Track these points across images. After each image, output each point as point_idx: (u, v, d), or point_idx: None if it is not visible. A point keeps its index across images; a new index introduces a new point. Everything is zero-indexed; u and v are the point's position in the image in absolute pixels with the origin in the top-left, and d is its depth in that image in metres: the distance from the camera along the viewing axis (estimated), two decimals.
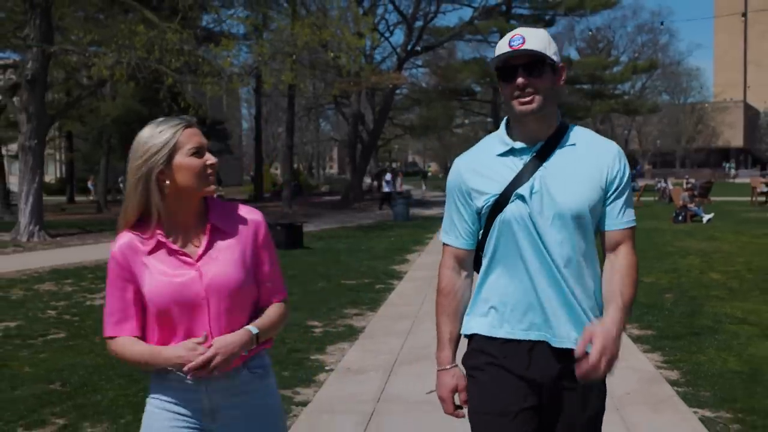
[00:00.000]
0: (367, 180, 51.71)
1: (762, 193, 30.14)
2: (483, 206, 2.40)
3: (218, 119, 44.12)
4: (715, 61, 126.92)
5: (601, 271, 2.41)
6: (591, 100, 48.76)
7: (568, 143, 2.39)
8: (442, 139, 68.68)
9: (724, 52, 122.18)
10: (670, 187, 34.40)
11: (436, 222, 24.31)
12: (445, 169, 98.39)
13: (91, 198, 43.51)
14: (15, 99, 28.52)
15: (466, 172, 2.45)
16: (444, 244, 2.54)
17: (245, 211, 2.38)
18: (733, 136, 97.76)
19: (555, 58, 2.35)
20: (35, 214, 20.88)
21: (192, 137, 2.24)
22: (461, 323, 2.50)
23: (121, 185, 48.32)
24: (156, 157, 2.19)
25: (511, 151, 2.38)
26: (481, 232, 2.47)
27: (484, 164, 2.42)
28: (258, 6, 24.66)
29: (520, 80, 2.29)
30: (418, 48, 39.29)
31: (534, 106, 2.30)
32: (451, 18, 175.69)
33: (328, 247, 16.87)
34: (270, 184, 49.49)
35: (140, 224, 2.28)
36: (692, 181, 34.54)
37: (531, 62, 2.30)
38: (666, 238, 17.14)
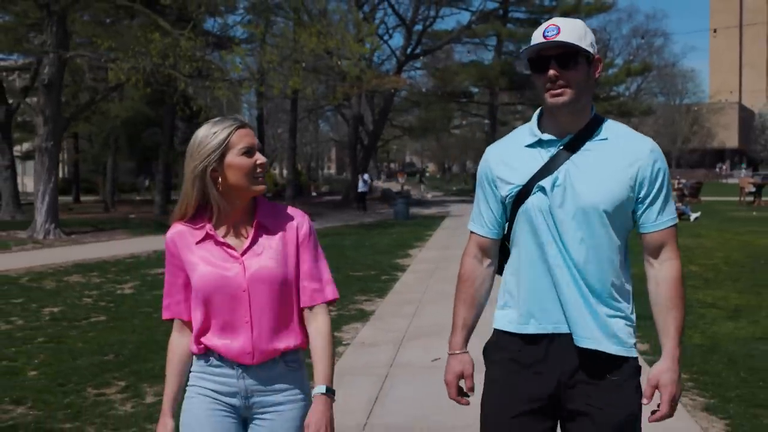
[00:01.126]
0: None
1: (750, 193, 31.15)
2: (507, 196, 2.38)
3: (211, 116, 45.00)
4: (710, 62, 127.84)
5: (630, 269, 2.40)
6: None
7: (599, 137, 2.32)
8: (440, 139, 69.58)
9: (720, 54, 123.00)
10: None
11: (435, 221, 25.27)
12: (443, 170, 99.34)
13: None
14: (27, 100, 29.60)
15: (494, 162, 2.44)
16: (470, 231, 2.54)
17: (291, 211, 2.47)
18: (728, 137, 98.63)
19: (591, 49, 2.29)
20: (51, 212, 21.76)
21: (244, 137, 2.32)
22: (478, 310, 2.52)
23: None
24: (211, 156, 2.28)
25: (539, 143, 2.35)
26: (506, 223, 2.47)
27: (512, 154, 2.40)
28: (261, 12, 25.61)
29: (551, 72, 2.24)
30: (418, 51, 40.26)
31: (566, 99, 2.26)
32: (449, 22, 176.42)
33: (334, 243, 17.85)
34: (271, 185, 50.41)
35: (191, 217, 2.41)
36: (683, 181, 35.54)
37: (564, 54, 2.24)
38: None
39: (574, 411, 2.29)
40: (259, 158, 2.34)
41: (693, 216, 22.97)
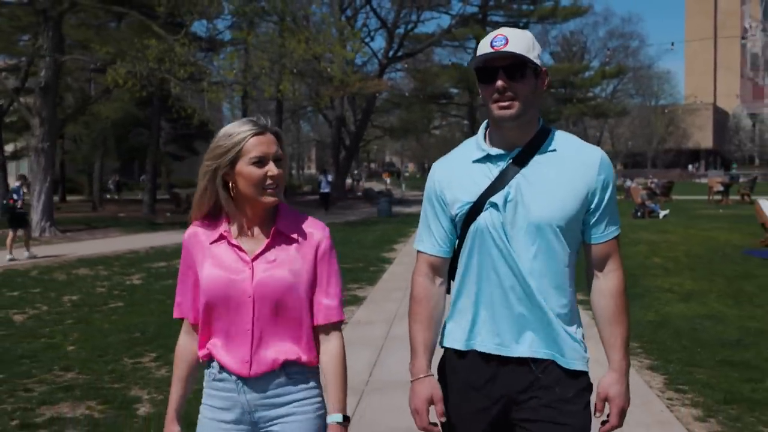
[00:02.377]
0: (348, 180, 53.61)
1: (718, 192, 32.46)
2: (457, 214, 2.33)
3: (205, 120, 45.75)
4: (686, 65, 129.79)
5: (585, 284, 2.41)
6: (563, 104, 51.01)
7: (548, 149, 2.28)
8: (420, 140, 70.66)
9: (695, 56, 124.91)
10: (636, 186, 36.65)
11: (416, 218, 26.25)
12: (423, 170, 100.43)
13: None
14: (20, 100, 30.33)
15: (442, 179, 2.38)
16: (418, 251, 2.46)
17: (313, 223, 2.37)
18: (703, 138, 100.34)
19: (538, 61, 2.25)
20: (47, 211, 22.52)
21: (258, 146, 2.22)
22: (436, 330, 2.42)
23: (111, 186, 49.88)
24: (222, 159, 2.23)
25: (488, 158, 2.30)
26: (456, 241, 2.41)
27: (460, 170, 2.35)
28: (247, 16, 26.51)
29: (499, 83, 2.20)
30: (399, 54, 41.33)
31: (513, 111, 2.21)
32: (429, 25, 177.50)
33: None
34: None
35: (211, 216, 2.36)
36: (655, 180, 36.84)
37: (512, 65, 2.20)
38: (623, 231, 19.18)
39: (526, 428, 2.26)
40: (272, 169, 2.23)
41: (662, 213, 24.20)
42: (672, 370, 6.29)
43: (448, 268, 2.43)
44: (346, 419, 2.29)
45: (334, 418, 2.28)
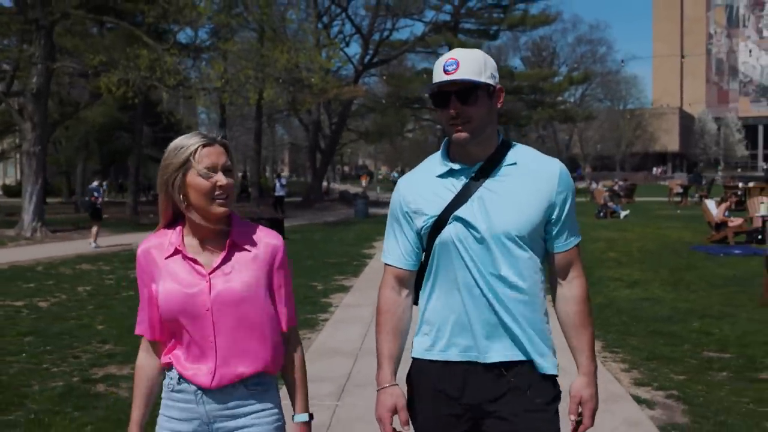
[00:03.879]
0: (324, 183, 54.76)
1: (677, 194, 34.12)
2: (422, 227, 2.37)
3: (186, 123, 46.76)
4: (653, 69, 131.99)
5: (548, 291, 2.44)
6: (532, 109, 52.59)
7: (508, 163, 2.34)
8: (394, 143, 71.90)
9: (662, 61, 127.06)
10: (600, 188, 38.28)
11: None
12: (402, 172, 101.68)
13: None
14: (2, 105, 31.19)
15: (407, 194, 2.43)
16: (385, 264, 2.49)
17: (266, 233, 2.40)
18: (670, 141, 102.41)
19: (491, 81, 2.31)
20: (38, 212, 23.47)
21: (206, 157, 2.26)
22: (401, 341, 2.46)
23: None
24: (173, 172, 2.26)
25: (451, 172, 2.36)
26: (423, 254, 2.44)
27: (425, 185, 2.40)
28: (228, 26, 27.64)
29: (452, 111, 2.26)
30: (375, 60, 42.66)
31: (467, 134, 2.27)
32: (403, 32, 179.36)
33: (306, 238, 20.09)
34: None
35: (170, 227, 2.38)
36: (620, 183, 38.48)
37: (465, 89, 2.25)
38: (584, 230, 20.65)
39: None
40: (220, 179, 2.26)
41: (623, 214, 25.74)
42: (610, 338, 7.65)
43: (414, 280, 2.48)
44: (311, 417, 2.39)
45: (300, 417, 2.37)
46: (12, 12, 26.73)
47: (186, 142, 2.27)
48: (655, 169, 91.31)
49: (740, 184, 33.57)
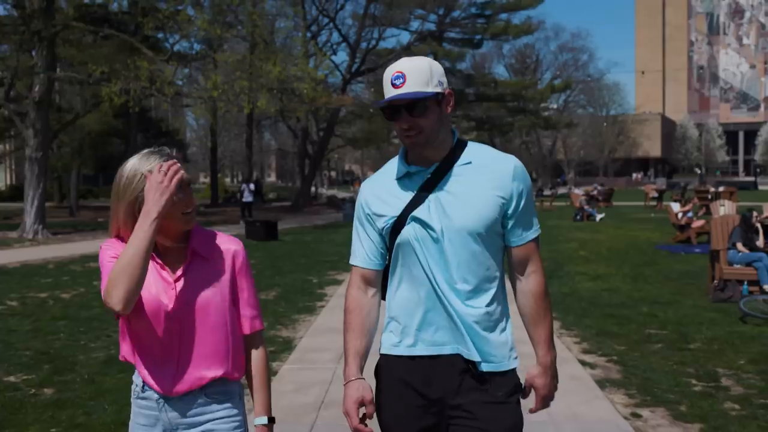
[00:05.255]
0: (313, 188, 55.93)
1: (653, 198, 35.51)
2: (383, 228, 2.45)
3: (175, 128, 47.86)
4: (636, 76, 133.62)
5: (506, 283, 2.50)
6: (515, 116, 54.00)
7: (463, 162, 2.41)
8: (380, 148, 73.02)
9: (645, 67, 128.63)
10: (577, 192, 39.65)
11: None
12: None
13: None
14: (3, 111, 32.20)
15: (369, 196, 2.51)
16: (352, 265, 2.57)
17: (225, 239, 2.45)
18: (652, 147, 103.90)
19: (439, 89, 2.36)
20: (39, 215, 24.44)
21: None
22: (368, 339, 2.52)
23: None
24: (138, 195, 2.26)
25: (408, 175, 2.44)
26: (387, 254, 2.51)
27: (385, 188, 2.48)
28: (220, 37, 28.80)
29: (404, 124, 2.33)
30: (362, 69, 43.93)
31: (421, 141, 2.35)
32: (390, 41, 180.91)
33: (297, 239, 21.28)
34: (222, 192, 53.35)
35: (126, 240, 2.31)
36: (599, 187, 39.89)
37: (413, 102, 2.31)
38: (561, 232, 22.04)
39: (459, 429, 2.38)
40: (187, 196, 2.32)
41: (598, 217, 27.08)
42: (568, 320, 8.90)
43: (380, 280, 2.55)
44: (271, 420, 2.41)
45: (260, 420, 2.39)
46: (15, 23, 27.85)
47: (146, 163, 2.28)
48: (634, 174, 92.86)
49: (711, 189, 34.98)
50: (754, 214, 11.11)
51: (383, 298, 2.58)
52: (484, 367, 2.37)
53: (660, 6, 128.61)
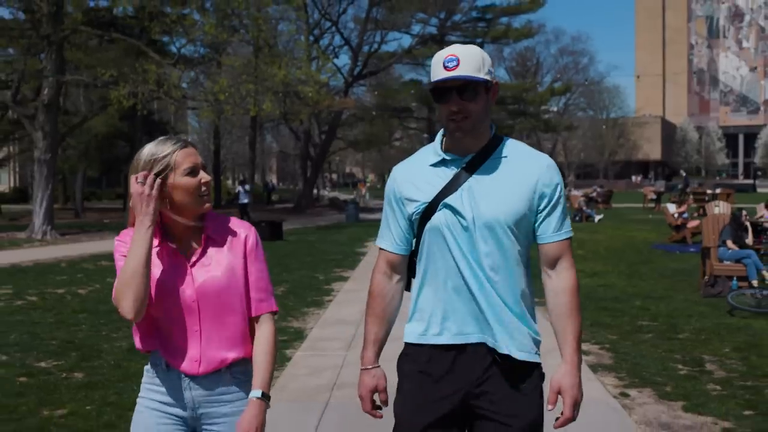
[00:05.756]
0: (315, 190, 56.44)
1: (651, 200, 35.97)
2: (413, 213, 2.46)
3: (179, 131, 48.35)
4: (636, 78, 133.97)
5: (532, 279, 2.51)
6: (516, 118, 54.49)
7: (499, 155, 2.43)
8: (381, 151, 73.53)
9: (644, 70, 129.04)
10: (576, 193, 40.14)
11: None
12: (383, 180, 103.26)
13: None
14: (11, 114, 32.74)
15: (401, 181, 2.52)
16: (379, 248, 2.60)
17: (238, 224, 2.52)
18: (652, 150, 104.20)
19: (489, 77, 2.38)
20: (48, 216, 24.86)
21: (187, 157, 2.37)
22: (388, 326, 2.57)
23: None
24: (158, 173, 2.33)
25: (443, 162, 2.43)
26: (414, 240, 2.53)
27: (418, 173, 2.48)
28: (224, 41, 29.27)
29: (453, 107, 2.34)
30: (363, 73, 44.45)
31: (468, 126, 2.37)
32: (391, 44, 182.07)
33: (302, 239, 21.75)
34: (225, 193, 53.81)
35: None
36: (598, 189, 40.36)
37: (464, 86, 2.33)
38: None
39: (481, 419, 2.39)
40: (204, 177, 2.38)
41: (597, 218, 27.57)
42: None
43: (406, 266, 2.58)
44: (266, 397, 2.42)
45: (254, 393, 2.41)
46: (21, 27, 28.36)
47: (162, 148, 2.36)
48: (634, 177, 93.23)
49: (708, 191, 35.45)
50: (743, 213, 11.56)
51: (407, 286, 2.61)
52: (510, 357, 2.37)
53: (660, 9, 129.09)
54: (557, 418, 2.38)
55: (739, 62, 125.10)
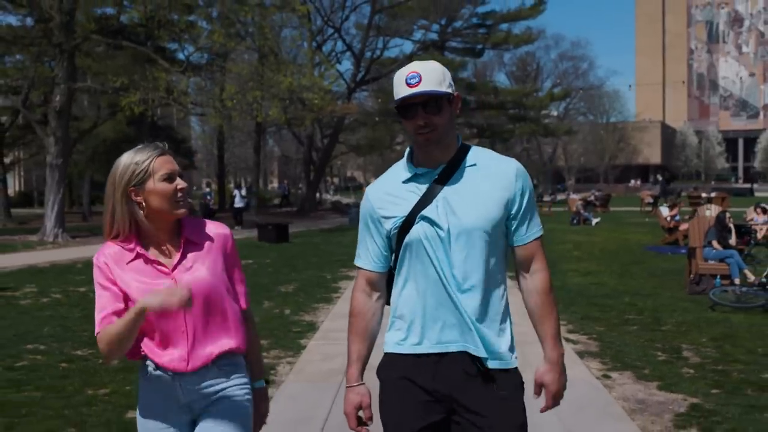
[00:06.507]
0: (317, 194, 57.16)
1: (648, 203, 36.64)
2: (391, 229, 2.51)
3: (183, 136, 49.07)
4: (636, 83, 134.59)
5: (512, 282, 2.61)
6: (516, 123, 55.19)
7: (468, 164, 2.50)
8: (383, 155, 74.10)
9: (645, 74, 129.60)
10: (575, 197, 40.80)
11: None
12: None
13: None
14: (18, 120, 33.48)
15: (375, 200, 2.59)
16: (358, 267, 2.65)
17: (214, 226, 2.63)
18: (652, 154, 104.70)
19: (450, 89, 2.46)
20: (59, 219, 25.54)
21: (164, 164, 2.46)
22: (370, 343, 2.62)
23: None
24: (134, 184, 2.43)
25: (415, 177, 2.51)
26: (393, 255, 2.58)
27: (391, 190, 2.55)
28: (230, 47, 29.96)
29: (420, 121, 2.42)
30: (366, 78, 45.23)
31: (435, 138, 2.44)
32: (393, 50, 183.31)
33: (307, 241, 22.45)
34: (229, 197, 54.49)
35: (121, 238, 2.51)
36: (597, 193, 41.05)
37: (429, 100, 2.41)
38: (557, 234, 23.18)
39: (465, 426, 2.44)
40: (180, 183, 2.47)
41: (594, 221, 28.26)
42: (559, 309, 10.00)
43: (385, 283, 2.63)
44: (267, 383, 2.63)
45: (259, 384, 2.63)
46: (30, 35, 29.07)
47: (140, 155, 2.46)
48: (633, 181, 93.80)
49: (703, 194, 36.12)
50: (727, 215, 12.23)
51: (387, 301, 2.65)
52: (491, 365, 2.44)
53: (660, 14, 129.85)
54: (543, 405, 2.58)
55: (739, 67, 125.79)
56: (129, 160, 2.45)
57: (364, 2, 43.63)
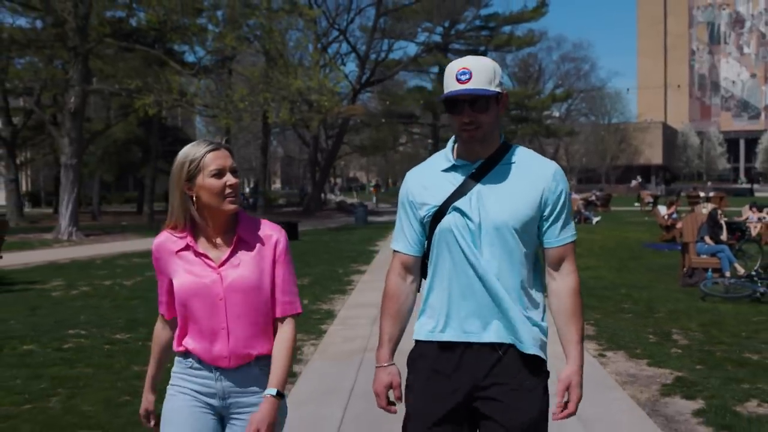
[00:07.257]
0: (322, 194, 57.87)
1: (648, 203, 37.30)
2: (425, 216, 2.56)
3: (189, 136, 49.75)
4: (638, 84, 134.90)
5: (540, 282, 2.61)
6: (517, 124, 55.88)
7: (507, 161, 2.53)
8: (386, 156, 74.79)
9: (646, 75, 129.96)
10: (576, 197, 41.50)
11: (389, 224, 30.72)
12: (387, 185, 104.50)
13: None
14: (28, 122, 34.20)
15: (414, 185, 2.63)
16: (394, 250, 2.70)
17: (269, 227, 2.65)
18: (653, 154, 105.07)
19: (499, 89, 2.48)
20: (73, 218, 26.17)
21: (215, 159, 2.50)
22: (402, 325, 2.67)
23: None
24: (186, 178, 2.51)
25: (454, 168, 2.54)
26: (426, 242, 2.63)
27: (429, 178, 2.59)
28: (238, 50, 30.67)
29: (466, 119, 2.45)
30: (371, 80, 45.98)
31: (479, 136, 2.48)
32: (397, 52, 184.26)
33: (316, 239, 23.15)
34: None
35: (177, 229, 2.61)
36: (597, 193, 41.73)
37: (477, 99, 2.43)
38: None
39: (487, 415, 2.48)
40: (230, 179, 2.50)
41: (594, 220, 28.98)
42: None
43: (419, 267, 2.67)
44: (280, 395, 2.54)
45: (269, 391, 2.54)
46: (41, 38, 29.75)
47: (194, 150, 2.52)
48: (633, 181, 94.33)
49: (701, 194, 36.78)
50: (719, 212, 12.92)
51: (419, 287, 2.72)
52: (517, 352, 2.49)
53: (661, 16, 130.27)
54: (565, 404, 2.55)
55: (740, 68, 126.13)
56: (184, 154, 2.54)
57: (369, 5, 44.51)
